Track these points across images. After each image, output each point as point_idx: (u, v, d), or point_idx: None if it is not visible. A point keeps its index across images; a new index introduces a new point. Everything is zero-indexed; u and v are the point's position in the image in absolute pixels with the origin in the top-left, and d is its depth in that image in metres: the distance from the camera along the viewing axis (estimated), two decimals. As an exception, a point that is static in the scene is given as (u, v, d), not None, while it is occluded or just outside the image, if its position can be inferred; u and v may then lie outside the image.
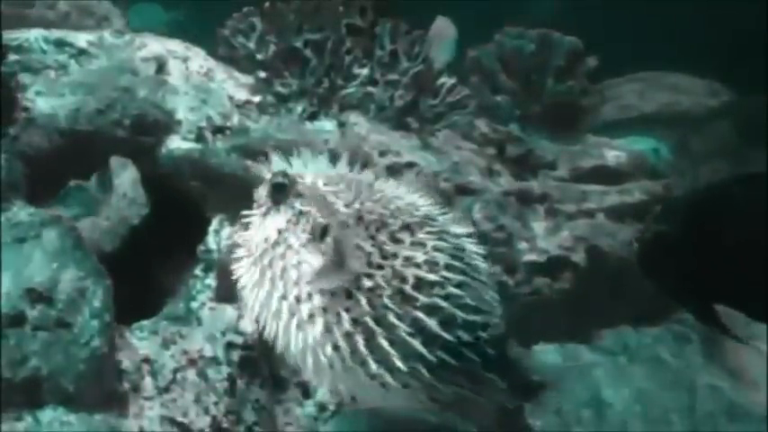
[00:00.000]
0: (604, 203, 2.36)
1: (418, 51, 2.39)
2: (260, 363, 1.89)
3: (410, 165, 2.18)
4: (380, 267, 1.21)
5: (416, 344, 1.18)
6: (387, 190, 1.30)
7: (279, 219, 1.31)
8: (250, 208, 1.41)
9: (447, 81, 2.46)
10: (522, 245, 2.16)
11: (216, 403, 1.82)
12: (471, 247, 1.31)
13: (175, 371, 1.85)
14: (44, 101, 2.09)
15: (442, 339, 1.19)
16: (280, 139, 2.15)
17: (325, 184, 1.29)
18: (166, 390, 1.82)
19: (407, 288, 1.19)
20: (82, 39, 2.25)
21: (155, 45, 2.33)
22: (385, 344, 1.19)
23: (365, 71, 2.37)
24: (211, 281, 2.03)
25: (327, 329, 1.22)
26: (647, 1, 4.39)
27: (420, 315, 1.18)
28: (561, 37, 2.89)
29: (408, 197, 1.31)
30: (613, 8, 4.22)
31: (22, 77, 2.12)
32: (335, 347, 1.22)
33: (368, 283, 1.20)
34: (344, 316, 1.21)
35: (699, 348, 1.98)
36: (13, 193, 1.93)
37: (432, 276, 1.20)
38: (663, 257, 1.26)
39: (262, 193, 1.35)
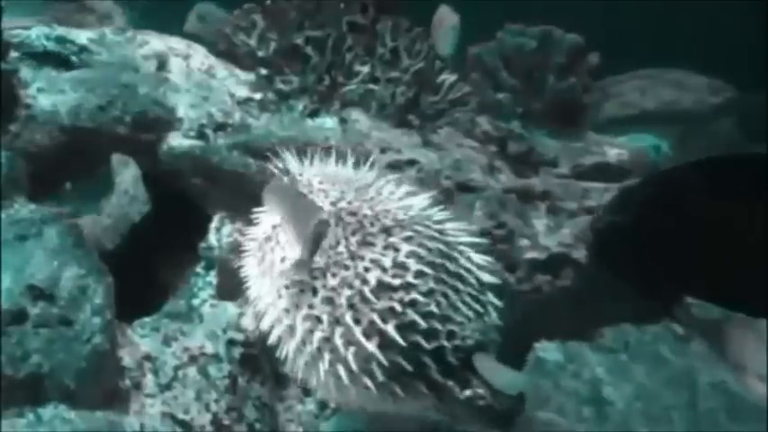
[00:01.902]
0: (606, 201, 2.35)
1: (419, 49, 2.39)
2: (261, 360, 1.90)
3: (411, 162, 2.18)
4: (346, 268, 1.22)
5: (370, 346, 1.19)
6: (384, 190, 1.30)
7: (276, 216, 1.33)
8: (251, 205, 1.42)
9: (448, 78, 2.46)
10: (524, 242, 2.15)
11: (217, 400, 1.83)
12: (471, 255, 1.31)
13: (176, 368, 1.85)
14: (45, 97, 2.09)
15: (399, 344, 1.19)
16: (281, 137, 2.15)
17: (320, 182, 1.30)
18: (167, 387, 1.83)
19: (366, 290, 1.19)
20: (83, 36, 2.25)
21: (156, 42, 2.33)
22: (339, 342, 1.20)
23: (366, 68, 2.37)
24: (212, 278, 2.04)
25: (294, 325, 1.24)
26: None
27: (375, 318, 1.19)
28: (563, 34, 2.88)
29: (407, 199, 1.30)
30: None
31: (24, 74, 2.12)
32: (301, 342, 1.24)
33: (331, 282, 1.21)
34: (305, 312, 1.22)
35: (700, 344, 1.98)
36: (15, 190, 1.93)
37: (395, 281, 1.20)
38: (616, 246, 1.28)
39: None
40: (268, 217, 1.36)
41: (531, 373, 1.92)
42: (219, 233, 2.09)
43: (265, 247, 1.31)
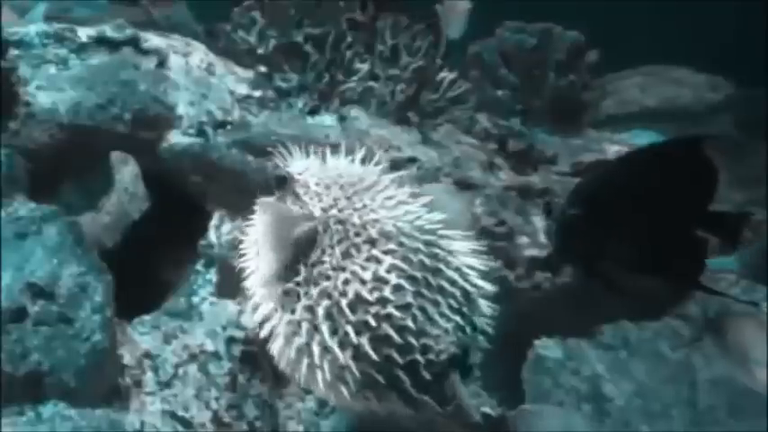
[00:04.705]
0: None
1: (419, 46, 2.39)
2: (261, 358, 1.90)
3: (411, 159, 2.18)
4: (328, 279, 1.23)
5: (344, 356, 1.21)
6: (379, 196, 1.30)
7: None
8: (251, 202, 1.42)
9: (448, 76, 2.46)
10: (523, 239, 2.15)
11: (217, 398, 1.83)
12: (461, 265, 1.31)
13: (176, 366, 1.85)
14: (45, 95, 2.09)
15: (372, 357, 1.21)
16: (280, 134, 2.14)
17: (316, 184, 1.30)
18: (167, 385, 1.83)
19: (343, 302, 1.21)
20: (82, 33, 2.24)
21: (155, 40, 2.33)
22: (316, 351, 1.22)
23: (366, 66, 2.37)
24: (212, 276, 2.04)
25: (279, 326, 1.26)
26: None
27: (350, 330, 1.21)
28: (563, 31, 2.88)
29: (401, 207, 1.30)
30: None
31: (23, 72, 2.11)
32: (285, 344, 1.26)
33: (313, 291, 1.23)
34: (289, 317, 1.25)
35: (700, 340, 1.98)
36: (14, 188, 1.93)
37: (373, 295, 1.22)
38: (576, 238, 1.34)
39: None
40: (264, 214, 1.36)
41: (531, 370, 1.92)
42: (219, 231, 2.08)
43: (260, 244, 1.32)
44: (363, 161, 1.36)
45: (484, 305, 1.34)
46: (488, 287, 1.33)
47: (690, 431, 1.82)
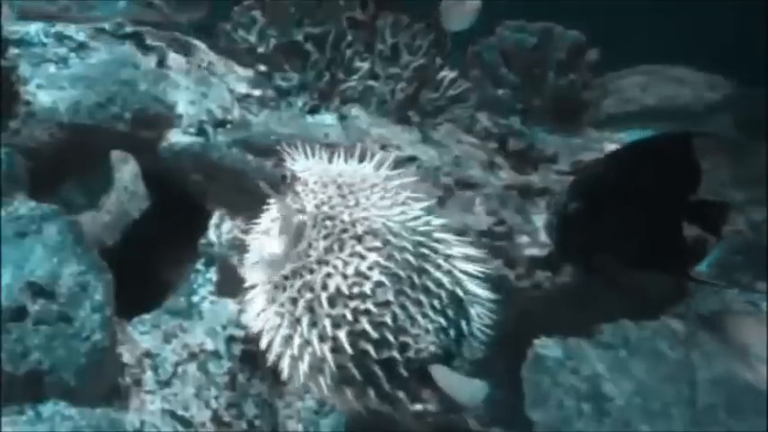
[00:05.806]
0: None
1: (419, 45, 2.39)
2: (261, 357, 1.90)
3: (411, 159, 2.18)
4: (311, 272, 1.24)
5: (321, 349, 1.22)
6: (374, 196, 1.30)
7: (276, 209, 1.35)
8: (251, 201, 1.43)
9: (448, 74, 2.46)
10: (523, 239, 2.16)
11: (217, 397, 1.83)
12: (454, 269, 1.31)
13: (176, 365, 1.85)
14: (45, 94, 2.09)
15: (348, 351, 1.22)
16: (280, 133, 2.15)
17: (314, 182, 1.31)
18: (167, 384, 1.83)
19: (324, 296, 1.22)
20: (82, 32, 2.24)
21: (156, 38, 2.33)
22: (297, 342, 1.22)
23: (366, 65, 2.37)
24: (212, 275, 2.04)
25: (267, 318, 1.28)
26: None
27: (328, 323, 1.22)
28: (563, 30, 2.88)
29: (396, 207, 1.30)
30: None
31: (23, 71, 2.11)
32: (271, 335, 1.28)
33: (297, 284, 1.24)
34: (274, 308, 1.26)
35: (699, 339, 1.99)
36: (14, 186, 1.93)
37: (353, 290, 1.23)
38: (575, 232, 1.36)
39: None
40: (272, 209, 1.37)
41: (531, 369, 1.92)
42: (219, 230, 2.09)
43: (261, 239, 1.33)
44: (374, 165, 1.36)
45: (476, 311, 1.34)
46: (483, 294, 1.33)
47: (690, 430, 1.82)
